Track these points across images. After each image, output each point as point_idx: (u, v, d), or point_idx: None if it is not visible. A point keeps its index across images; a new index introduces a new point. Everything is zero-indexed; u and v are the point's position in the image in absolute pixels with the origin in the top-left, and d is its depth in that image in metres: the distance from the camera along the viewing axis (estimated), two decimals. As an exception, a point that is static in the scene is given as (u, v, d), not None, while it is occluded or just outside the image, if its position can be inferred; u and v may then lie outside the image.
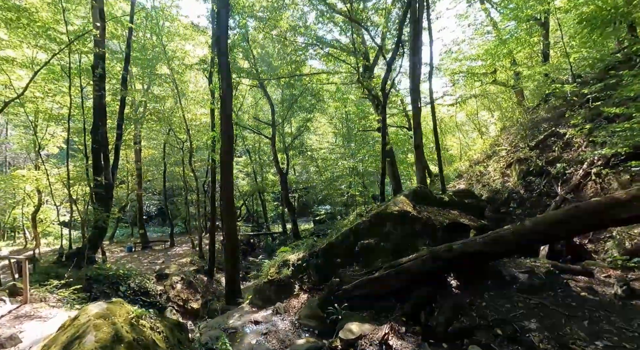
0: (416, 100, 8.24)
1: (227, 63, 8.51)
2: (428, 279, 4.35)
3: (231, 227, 8.81)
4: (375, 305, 4.42)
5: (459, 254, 4.15)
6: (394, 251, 5.08)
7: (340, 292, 4.60)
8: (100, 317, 2.80)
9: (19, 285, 5.73)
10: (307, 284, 5.49)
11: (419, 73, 8.16)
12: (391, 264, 4.57)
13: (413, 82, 8.10)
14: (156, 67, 17.75)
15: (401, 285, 4.40)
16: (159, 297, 10.43)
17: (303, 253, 5.97)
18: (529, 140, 13.87)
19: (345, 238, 5.67)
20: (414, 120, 8.21)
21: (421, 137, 8.26)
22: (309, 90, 20.08)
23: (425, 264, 4.28)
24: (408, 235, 5.25)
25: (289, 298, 5.44)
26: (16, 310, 4.93)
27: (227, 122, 8.51)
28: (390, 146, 15.83)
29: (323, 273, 5.49)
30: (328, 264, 5.53)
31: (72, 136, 12.62)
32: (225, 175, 8.63)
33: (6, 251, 17.86)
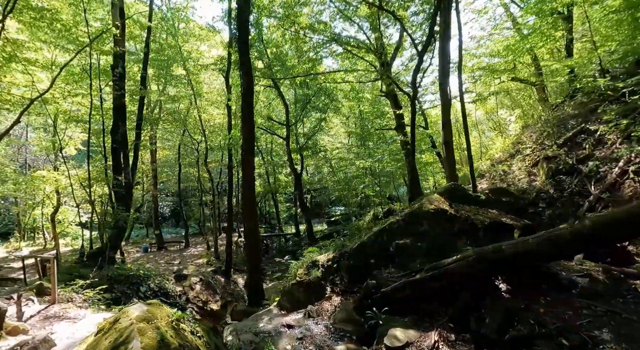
0: (446, 90, 7.83)
1: (248, 58, 8.35)
2: (474, 281, 4.06)
3: (252, 227, 8.63)
4: (417, 309, 4.15)
5: (509, 255, 3.85)
6: (431, 252, 4.79)
7: (378, 295, 4.34)
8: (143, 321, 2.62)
9: (45, 285, 5.66)
10: (339, 286, 5.24)
11: (448, 61, 7.79)
12: (433, 266, 4.29)
13: (443, 70, 7.74)
14: (172, 68, 17.80)
15: (445, 288, 4.12)
16: (178, 298, 10.33)
17: (333, 254, 5.73)
18: (555, 138, 13.37)
19: (378, 238, 5.42)
20: (444, 112, 7.82)
21: (451, 131, 7.92)
22: (323, 89, 19.90)
23: (472, 265, 3.99)
24: (446, 235, 4.95)
25: (320, 301, 5.21)
26: (45, 310, 4.84)
27: (248, 119, 8.35)
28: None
29: (355, 274, 5.24)
30: (360, 265, 5.28)
31: (91, 137, 12.67)
32: (246, 173, 8.47)
33: (27, 251, 18.14)
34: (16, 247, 18.79)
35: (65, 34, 10.53)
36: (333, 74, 19.00)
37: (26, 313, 4.70)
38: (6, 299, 5.24)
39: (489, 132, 27.91)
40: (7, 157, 21.61)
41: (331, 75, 18.75)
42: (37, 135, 22.60)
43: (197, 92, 18.15)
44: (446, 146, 7.94)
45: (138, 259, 17.76)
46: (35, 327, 4.15)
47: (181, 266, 12.99)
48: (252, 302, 8.32)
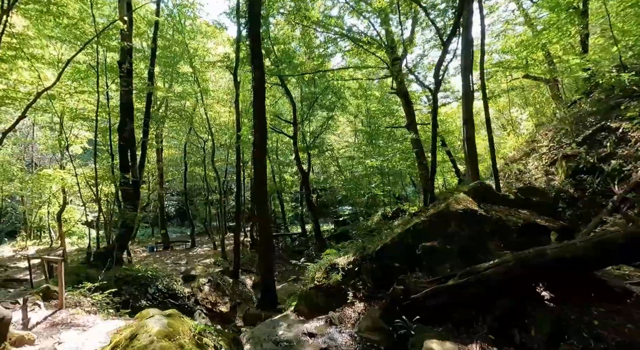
0: (468, 83, 7.44)
1: (260, 52, 8.06)
2: (514, 288, 3.74)
3: (265, 226, 8.35)
4: (452, 318, 3.83)
5: (554, 260, 3.53)
6: (462, 255, 4.48)
7: (407, 302, 4.03)
8: (164, 337, 2.34)
9: (52, 288, 5.41)
10: (362, 291, 4.94)
11: (471, 51, 7.41)
12: (467, 271, 3.97)
13: (465, 61, 7.35)
14: (178, 65, 17.56)
15: (481, 295, 3.80)
16: (187, 300, 10.09)
17: (353, 256, 5.42)
18: (574, 136, 12.94)
19: (402, 239, 5.10)
20: (465, 105, 7.42)
21: (474, 127, 7.56)
22: (330, 87, 19.59)
23: (512, 271, 3.67)
24: (477, 237, 4.63)
25: (342, 306, 4.90)
26: (52, 316, 4.58)
27: (260, 115, 8.06)
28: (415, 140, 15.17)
29: (379, 279, 4.93)
30: (384, 268, 4.97)
31: (98, 135, 12.44)
32: (258, 171, 8.19)
33: (33, 250, 18.02)
34: (22, 246, 18.68)
35: (71, 29, 10.31)
36: (342, 70, 18.67)
37: (32, 319, 4.45)
38: (11, 304, 4.99)
39: (498, 131, 27.41)
40: (14, 156, 21.52)
41: (340, 73, 18.43)
42: (43, 133, 22.50)
43: (204, 89, 17.91)
44: (468, 143, 7.57)
45: (144, 258, 17.57)
46: (41, 336, 3.89)
47: (189, 266, 12.74)
48: (265, 306, 8.03)
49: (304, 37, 17.25)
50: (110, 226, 12.38)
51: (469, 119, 7.46)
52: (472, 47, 7.48)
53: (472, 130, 7.49)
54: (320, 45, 14.48)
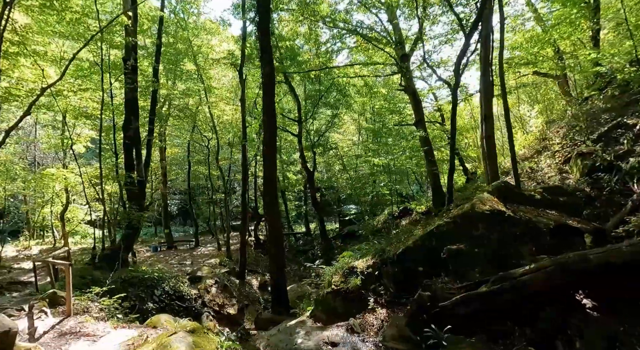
0: (488, 75, 7.07)
1: (269, 45, 7.78)
2: (554, 296, 3.49)
3: (275, 226, 8.10)
4: (486, 328, 3.59)
5: (599, 265, 3.27)
6: (492, 259, 4.22)
7: (436, 309, 3.78)
8: (191, 360, 2.12)
9: (59, 294, 5.17)
10: (383, 297, 4.69)
11: (491, 43, 7.07)
12: (501, 277, 3.72)
13: (485, 53, 7.00)
14: (182, 63, 17.30)
15: (517, 303, 3.55)
16: (194, 302, 9.87)
17: (372, 259, 5.18)
18: (588, 133, 12.64)
19: (425, 242, 4.85)
20: (485, 100, 7.09)
21: (493, 125, 7.26)
22: (335, 85, 19.31)
23: (552, 277, 3.41)
24: (507, 240, 4.38)
25: (362, 313, 4.66)
26: (60, 325, 4.34)
27: (269, 111, 7.79)
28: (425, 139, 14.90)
29: (402, 283, 4.69)
30: (407, 272, 4.73)
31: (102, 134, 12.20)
32: (268, 170, 7.93)
33: (36, 250, 17.87)
34: (26, 246, 18.52)
35: (75, 25, 10.06)
36: (347, 68, 18.37)
37: (39, 328, 4.22)
38: (16, 311, 4.76)
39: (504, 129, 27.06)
40: (16, 155, 21.34)
41: (346, 69, 18.13)
42: (45, 132, 22.32)
43: (208, 87, 17.66)
44: (488, 141, 7.29)
45: (148, 258, 17.39)
46: (49, 348, 3.66)
47: (195, 267, 12.53)
48: (277, 309, 7.79)
49: (310, 34, 16.97)
50: (114, 226, 12.17)
51: (489, 115, 7.16)
52: (492, 41, 7.17)
53: (492, 127, 7.19)
54: (328, 41, 14.17)
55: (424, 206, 17.69)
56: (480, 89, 7.34)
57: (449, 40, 13.19)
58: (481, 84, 7.19)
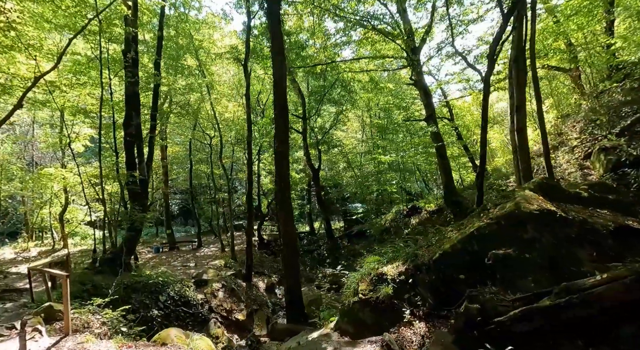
0: (520, 62, 6.46)
1: (280, 35, 7.23)
2: (634, 311, 2.98)
3: (289, 229, 7.59)
4: (552, 349, 3.09)
5: (689, 275, 2.77)
6: (545, 266, 3.72)
7: (491, 326, 3.28)
8: None
9: (56, 307, 4.65)
10: (420, 308, 4.19)
11: (524, 28, 6.52)
12: (566, 288, 3.21)
13: (519, 39, 6.41)
14: (183, 58, 16.72)
15: (589, 319, 3.05)
16: (200, 307, 9.36)
17: (405, 265, 4.67)
18: (609, 127, 12.14)
19: (465, 246, 4.34)
20: (517, 89, 6.51)
21: (526, 116, 6.70)
22: (340, 81, 18.79)
23: (631, 289, 2.91)
24: (560, 244, 3.87)
25: (397, 326, 4.15)
26: (56, 347, 3.81)
27: (281, 105, 7.26)
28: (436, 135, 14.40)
29: (441, 293, 4.19)
30: (446, 280, 4.22)
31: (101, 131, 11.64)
32: (281, 168, 7.41)
33: (35, 252, 17.37)
34: (24, 248, 18.02)
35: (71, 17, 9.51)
36: (353, 63, 17.85)
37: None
38: (7, 329, 4.23)
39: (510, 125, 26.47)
40: (14, 155, 20.80)
41: (353, 64, 17.62)
42: (43, 131, 21.78)
43: (210, 83, 17.11)
44: (519, 135, 6.73)
45: (150, 260, 16.90)
46: (43, 377, 3.17)
47: (200, 270, 12.02)
48: (293, 317, 7.28)
49: (315, 27, 16.42)
50: (115, 227, 11.65)
51: (521, 106, 6.61)
52: (524, 25, 6.59)
53: (525, 119, 6.63)
54: (338, 32, 13.61)
55: (433, 204, 17.18)
56: (511, 77, 6.79)
57: (475, 20, 12.48)
58: (513, 72, 6.64)
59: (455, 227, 5.22)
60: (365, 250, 16.85)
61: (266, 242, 20.57)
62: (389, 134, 17.86)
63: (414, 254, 4.76)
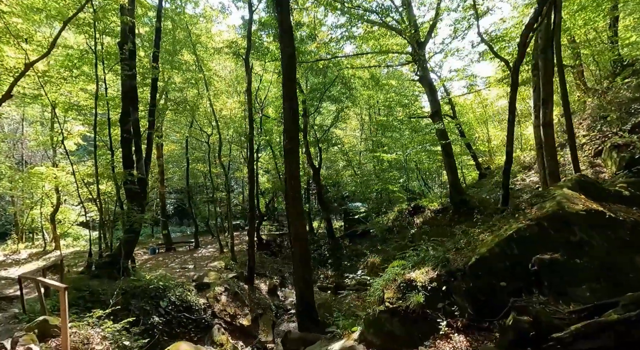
0: (548, 52, 6.06)
1: (289, 24, 6.78)
2: None
3: (300, 232, 7.15)
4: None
5: None
6: (600, 272, 3.37)
7: (550, 343, 2.91)
8: None
9: (51, 322, 4.17)
10: (458, 319, 3.81)
11: (553, 15, 6.14)
12: (637, 298, 2.86)
13: (548, 21, 6.00)
14: (179, 53, 16.15)
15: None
16: (203, 313, 8.92)
17: (435, 271, 4.29)
18: (620, 124, 11.94)
19: (504, 250, 3.97)
20: (544, 80, 6.11)
21: (552, 111, 6.35)
22: (340, 77, 18.42)
23: None
24: (614, 248, 3.53)
25: (431, 339, 3.77)
26: (52, 369, 3.39)
27: (291, 98, 6.81)
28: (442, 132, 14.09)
29: (480, 303, 3.81)
30: (485, 288, 3.86)
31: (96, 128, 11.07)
32: (291, 165, 6.98)
33: (25, 254, 16.72)
34: (14, 250, 17.36)
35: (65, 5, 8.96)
36: (354, 60, 17.47)
37: (24, 372, 3.27)
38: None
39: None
40: (2, 153, 20.05)
41: (354, 60, 17.24)
42: (33, 128, 21.05)
43: (208, 79, 16.58)
44: (545, 129, 6.38)
45: (146, 261, 16.36)
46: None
47: (200, 272, 11.55)
48: (305, 325, 6.86)
49: (316, 22, 16.01)
50: (111, 229, 11.14)
51: (548, 99, 6.24)
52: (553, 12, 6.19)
53: (552, 112, 6.28)
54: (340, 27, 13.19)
55: (436, 203, 16.89)
56: (535, 69, 6.43)
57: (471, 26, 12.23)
58: (539, 63, 6.29)
59: (484, 228, 4.87)
60: (369, 251, 16.60)
61: (265, 242, 20.12)
62: (393, 132, 17.50)
63: (444, 258, 4.39)
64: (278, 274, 16.64)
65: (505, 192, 6.43)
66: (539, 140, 6.79)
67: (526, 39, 5.59)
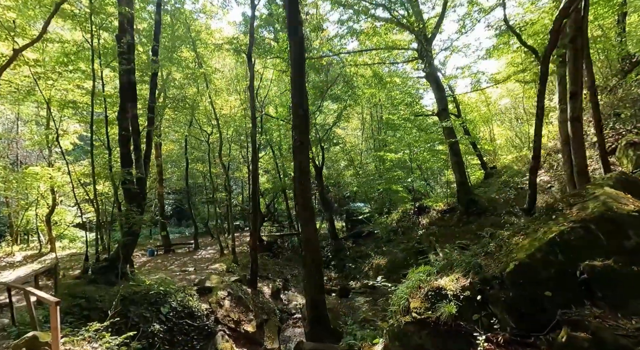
0: (581, 35, 5.52)
1: (297, 14, 6.38)
2: None
3: (311, 232, 6.73)
4: None
5: None
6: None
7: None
8: None
9: (42, 338, 3.71)
10: (498, 333, 3.42)
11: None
12: None
13: (577, 14, 5.56)
14: (178, 50, 15.70)
15: None
16: (205, 319, 8.49)
17: (467, 278, 3.90)
18: (636, 121, 11.63)
19: (547, 255, 3.58)
20: (573, 71, 5.70)
21: (582, 103, 5.94)
22: (342, 76, 18.08)
23: None
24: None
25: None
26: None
27: (300, 93, 6.39)
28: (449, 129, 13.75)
29: (523, 315, 3.42)
30: (527, 298, 3.47)
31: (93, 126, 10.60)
32: (301, 162, 6.55)
33: (20, 256, 16.24)
34: (8, 252, 16.87)
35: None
36: (359, 55, 17.10)
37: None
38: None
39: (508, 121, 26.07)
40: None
41: (357, 58, 16.86)
42: (28, 128, 20.56)
43: (208, 76, 16.15)
44: (573, 124, 5.98)
45: (145, 264, 15.92)
46: None
47: (200, 274, 11.14)
48: (316, 334, 6.44)
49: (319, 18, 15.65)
50: (109, 231, 10.70)
51: (577, 92, 5.85)
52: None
53: (580, 107, 5.88)
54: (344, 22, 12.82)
55: (442, 203, 16.54)
56: (566, 59, 6.04)
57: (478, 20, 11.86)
58: (568, 52, 5.91)
59: (514, 230, 4.48)
60: (374, 252, 16.24)
61: (266, 244, 19.72)
62: (397, 131, 17.14)
63: (476, 264, 3.99)
64: (280, 277, 16.24)
65: (532, 192, 6.04)
66: (564, 137, 6.42)
67: (560, 25, 5.20)
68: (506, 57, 16.90)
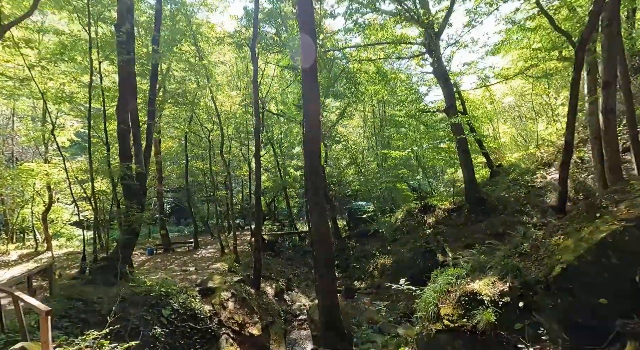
0: (615, 21, 5.12)
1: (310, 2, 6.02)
2: None
3: (323, 232, 6.34)
4: None
5: None
6: None
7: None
8: None
9: (31, 349, 3.34)
10: (548, 345, 3.06)
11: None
12: None
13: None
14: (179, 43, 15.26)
15: None
16: (209, 321, 8.11)
17: (505, 282, 3.53)
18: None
19: (599, 258, 3.22)
20: (608, 60, 5.28)
21: (616, 93, 5.54)
22: (345, 72, 17.74)
23: None
24: None
25: (512, 369, 3.04)
26: None
27: (311, 86, 5.99)
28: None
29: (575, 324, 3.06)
30: (578, 305, 3.11)
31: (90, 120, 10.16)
32: (311, 156, 6.17)
33: (15, 255, 15.80)
34: (3, 251, 16.47)
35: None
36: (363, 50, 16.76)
37: None
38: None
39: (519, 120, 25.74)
40: (-10, 149, 19.07)
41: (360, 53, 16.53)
42: (24, 124, 20.10)
43: (210, 72, 15.73)
44: (606, 116, 5.60)
45: (144, 263, 15.52)
46: None
47: (203, 275, 10.74)
48: (329, 340, 6.04)
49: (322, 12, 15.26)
50: (107, 229, 10.29)
51: (611, 81, 5.44)
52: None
53: (614, 98, 5.49)
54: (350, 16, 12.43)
55: (448, 202, 16.19)
56: (601, 47, 5.67)
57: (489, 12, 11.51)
58: (603, 38, 5.54)
59: (550, 228, 4.12)
60: (378, 252, 15.88)
61: (267, 243, 19.34)
62: (403, 127, 16.79)
63: (514, 266, 3.62)
64: (282, 276, 15.87)
65: (564, 188, 5.67)
66: (594, 130, 6.06)
67: (601, 6, 4.80)
68: (512, 54, 16.56)
